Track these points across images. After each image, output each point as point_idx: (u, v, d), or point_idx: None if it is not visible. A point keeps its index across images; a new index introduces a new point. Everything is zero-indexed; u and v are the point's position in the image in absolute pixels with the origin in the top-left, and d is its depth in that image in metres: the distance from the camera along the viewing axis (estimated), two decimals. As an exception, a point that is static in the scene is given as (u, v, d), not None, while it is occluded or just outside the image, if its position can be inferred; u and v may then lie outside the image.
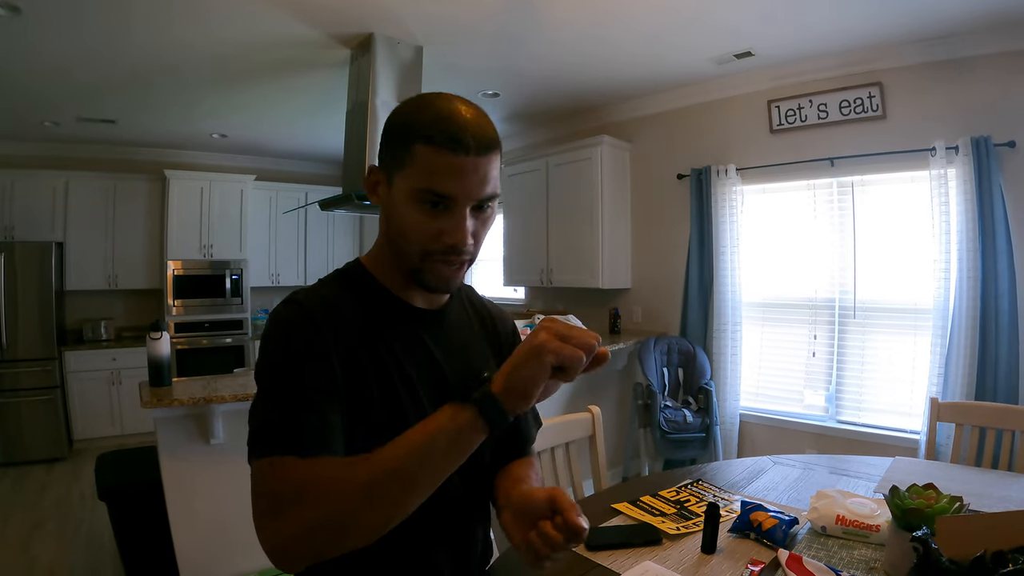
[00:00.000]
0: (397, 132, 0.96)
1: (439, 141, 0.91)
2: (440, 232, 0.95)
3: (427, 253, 0.98)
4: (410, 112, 0.96)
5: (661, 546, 1.54)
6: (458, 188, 0.93)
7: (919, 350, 3.66)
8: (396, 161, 0.95)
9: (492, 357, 1.22)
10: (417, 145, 0.92)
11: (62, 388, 5.55)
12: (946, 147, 3.40)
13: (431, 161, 0.92)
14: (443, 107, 0.94)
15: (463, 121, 0.93)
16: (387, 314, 1.05)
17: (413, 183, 0.93)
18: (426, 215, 0.95)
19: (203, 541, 2.86)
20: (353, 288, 1.05)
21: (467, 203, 0.95)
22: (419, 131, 0.92)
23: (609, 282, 4.96)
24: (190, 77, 4.28)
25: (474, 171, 0.93)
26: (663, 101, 4.87)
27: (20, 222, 5.64)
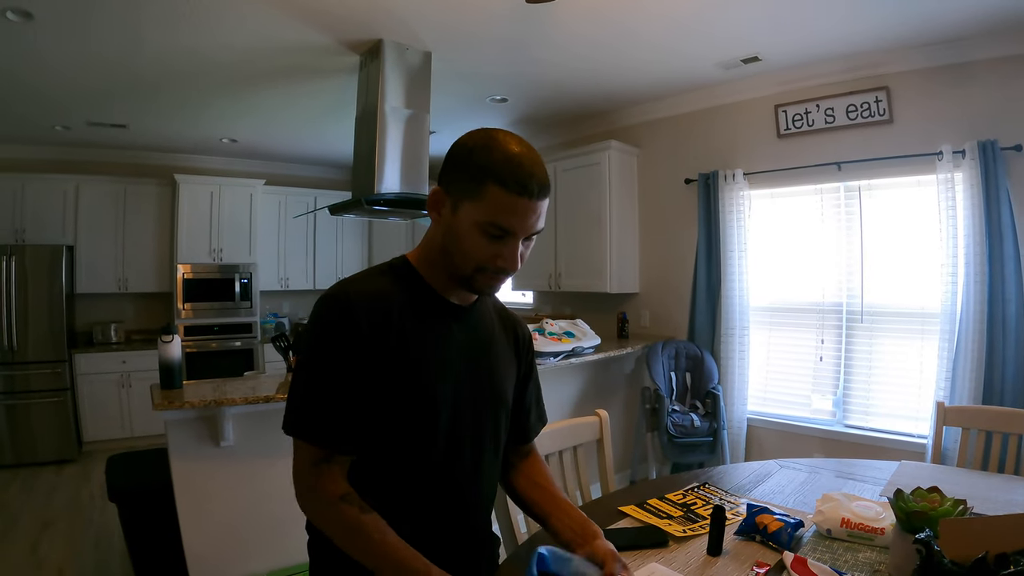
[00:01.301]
0: (471, 168, 1.09)
1: (511, 186, 1.06)
2: (496, 256, 1.12)
3: (481, 269, 1.14)
4: (482, 150, 1.09)
5: (667, 548, 1.55)
6: (519, 225, 1.10)
7: (926, 354, 3.66)
8: (467, 193, 1.09)
9: (512, 354, 1.41)
10: (490, 184, 1.07)
11: (72, 390, 5.59)
12: (953, 151, 3.40)
13: (501, 201, 1.07)
14: (513, 152, 1.09)
15: (530, 169, 1.08)
16: (426, 305, 1.21)
17: (481, 216, 1.09)
18: (487, 241, 1.11)
19: (213, 543, 2.88)
20: (399, 281, 1.21)
21: (521, 237, 1.12)
22: (493, 172, 1.07)
23: (617, 286, 4.97)
24: (200, 82, 4.31)
25: (533, 212, 1.10)
26: (670, 106, 4.88)
27: (31, 225, 5.69)
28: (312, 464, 1.10)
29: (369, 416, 1.13)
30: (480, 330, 1.31)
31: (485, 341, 1.32)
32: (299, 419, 1.11)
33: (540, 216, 1.13)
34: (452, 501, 1.24)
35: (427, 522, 1.20)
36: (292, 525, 1.27)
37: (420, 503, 1.19)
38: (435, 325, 1.21)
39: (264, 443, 2.93)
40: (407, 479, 1.18)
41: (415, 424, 1.16)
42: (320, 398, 1.10)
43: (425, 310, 1.21)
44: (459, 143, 1.14)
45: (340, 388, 1.10)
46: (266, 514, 2.96)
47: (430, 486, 1.20)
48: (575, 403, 4.32)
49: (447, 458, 1.21)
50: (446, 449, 1.21)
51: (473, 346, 1.28)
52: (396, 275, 1.22)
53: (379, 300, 1.14)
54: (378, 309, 1.13)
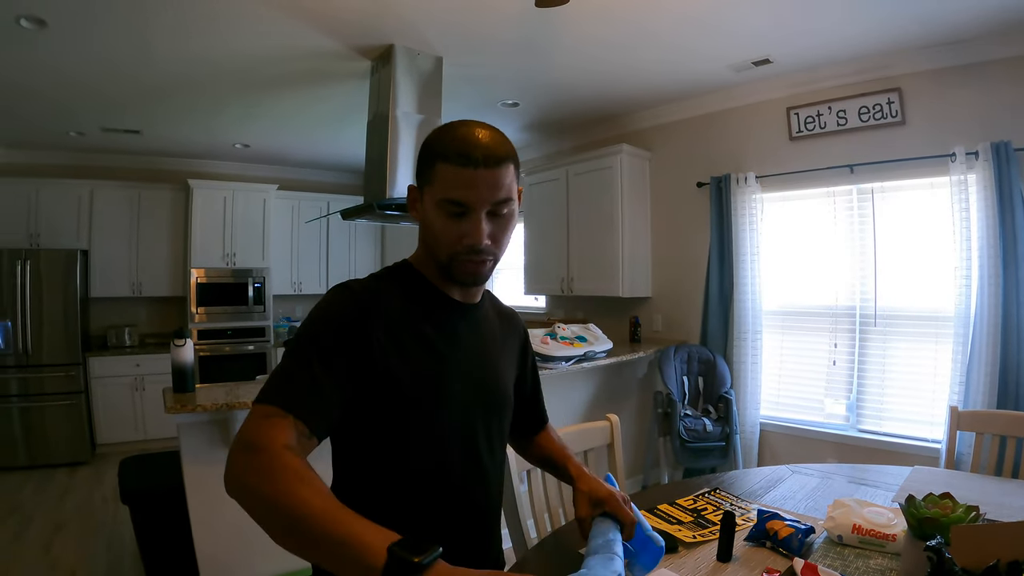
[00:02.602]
0: (424, 155, 1.14)
1: (454, 159, 1.08)
2: (461, 235, 1.12)
3: (454, 254, 1.14)
4: (435, 137, 1.14)
5: (677, 554, 1.55)
6: (471, 197, 1.09)
7: (940, 358, 3.62)
8: (425, 179, 1.14)
9: (514, 352, 1.44)
10: (438, 163, 1.10)
11: (86, 393, 5.64)
12: (966, 152, 3.37)
13: (448, 175, 1.09)
14: (460, 130, 1.12)
15: (475, 140, 1.10)
16: (429, 303, 1.22)
17: (437, 195, 1.11)
18: (449, 222, 1.12)
19: (224, 545, 2.89)
20: (402, 281, 1.22)
21: (481, 208, 1.11)
22: (439, 152, 1.10)
23: (629, 291, 4.95)
24: (212, 88, 4.35)
25: (484, 181, 1.09)
26: (682, 109, 4.87)
27: (46, 230, 5.75)
28: (264, 416, 0.97)
29: (354, 416, 1.10)
30: (485, 328, 1.33)
31: (490, 340, 1.33)
32: (268, 387, 1.02)
33: (497, 187, 1.11)
34: (459, 503, 1.22)
35: (434, 526, 1.18)
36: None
37: (427, 505, 1.18)
38: (442, 323, 1.21)
39: (275, 447, 2.94)
40: (414, 480, 1.16)
41: (424, 424, 1.15)
42: (299, 372, 1.03)
43: (431, 308, 1.21)
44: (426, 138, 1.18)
45: (325, 368, 1.03)
46: (277, 517, 2.96)
47: (437, 487, 1.19)
48: (587, 407, 4.31)
49: (456, 459, 1.20)
50: (455, 450, 1.20)
51: (479, 345, 1.29)
52: (399, 277, 1.23)
53: (382, 297, 1.15)
54: (380, 305, 1.13)
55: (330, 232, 7.28)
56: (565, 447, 1.54)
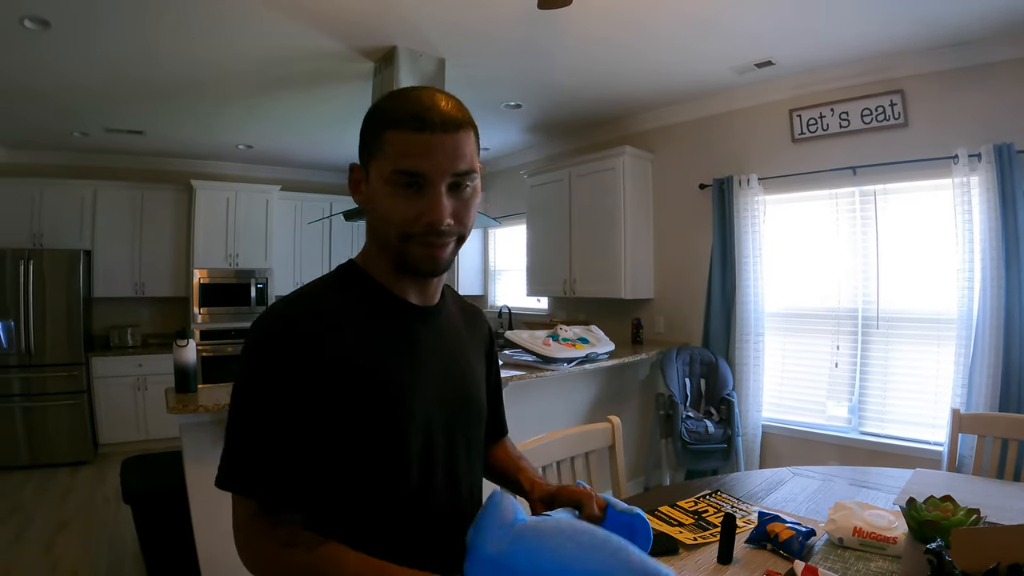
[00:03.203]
0: (370, 125, 1.01)
1: (405, 123, 0.94)
2: (418, 213, 0.97)
3: (407, 235, 0.99)
4: (380, 105, 1.01)
5: (678, 556, 1.55)
6: (428, 165, 0.95)
7: (943, 360, 3.62)
8: (370, 152, 1.00)
9: (481, 353, 1.30)
10: (387, 131, 0.96)
11: (88, 393, 5.65)
12: (969, 154, 3.37)
13: (399, 142, 0.95)
14: (409, 94, 0.99)
15: (429, 102, 0.96)
16: (381, 309, 1.06)
17: (387, 167, 0.96)
18: (403, 197, 0.97)
19: (226, 546, 2.87)
20: (347, 287, 1.07)
21: (441, 180, 0.97)
22: (386, 117, 0.97)
23: (632, 292, 4.96)
24: (216, 89, 4.36)
25: (442, 148, 0.95)
26: (684, 111, 4.88)
27: (49, 230, 5.77)
28: (251, 516, 0.95)
29: (319, 460, 0.96)
30: (449, 332, 1.17)
31: (456, 345, 1.19)
32: (232, 470, 0.94)
33: (458, 155, 0.97)
34: (431, 527, 1.09)
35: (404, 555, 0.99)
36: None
37: (396, 537, 1.03)
38: (395, 333, 1.06)
39: (277, 447, 2.94)
40: (380, 514, 1.02)
41: (382, 451, 1.00)
42: (256, 444, 0.93)
43: (381, 316, 1.06)
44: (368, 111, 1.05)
45: (280, 430, 0.93)
46: (279, 518, 2.96)
47: (406, 516, 1.04)
48: (589, 409, 4.31)
49: (422, 484, 1.06)
50: (420, 475, 1.05)
51: (442, 352, 1.13)
52: (343, 281, 1.08)
53: (323, 315, 0.99)
54: (322, 325, 0.97)
55: (332, 233, 7.29)
56: (521, 457, 1.38)
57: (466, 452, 1.16)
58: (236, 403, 0.96)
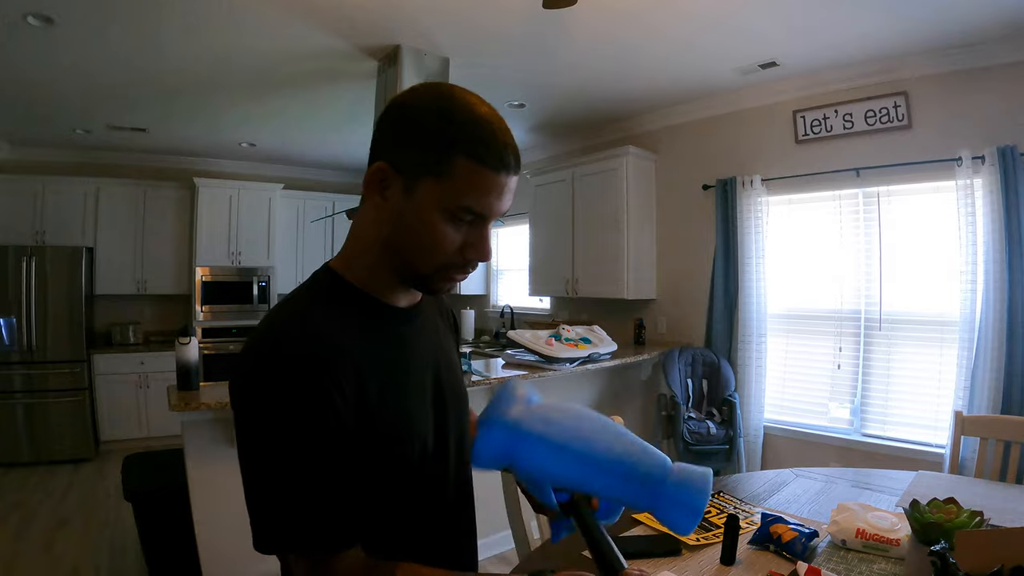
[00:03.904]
0: (430, 135, 0.87)
1: (488, 160, 0.86)
2: (464, 246, 0.91)
3: (446, 266, 0.93)
4: (442, 114, 0.87)
5: (680, 556, 1.55)
6: (495, 207, 0.90)
7: (945, 362, 3.61)
8: (427, 169, 0.87)
9: (452, 341, 1.25)
10: (459, 158, 0.85)
11: (90, 390, 5.66)
12: (972, 157, 3.36)
13: (476, 179, 0.86)
14: (483, 114, 0.88)
15: (504, 137, 0.88)
16: (370, 316, 0.98)
17: (450, 197, 0.87)
18: (453, 229, 0.89)
19: (227, 544, 2.89)
20: (332, 297, 0.97)
21: (492, 220, 0.93)
22: (463, 143, 0.85)
23: (634, 293, 4.96)
24: (219, 88, 4.36)
25: (508, 190, 0.91)
26: (688, 111, 4.87)
27: (51, 227, 5.78)
28: (311, 568, 0.87)
29: (360, 484, 0.91)
30: (429, 327, 1.12)
31: (437, 340, 1.13)
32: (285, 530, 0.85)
33: (512, 195, 0.93)
34: (450, 517, 1.10)
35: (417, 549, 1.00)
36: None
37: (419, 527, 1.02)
38: (390, 343, 1.00)
39: (279, 445, 2.94)
40: (392, 517, 0.99)
41: (394, 462, 0.96)
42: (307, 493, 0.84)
43: (373, 324, 0.98)
44: (404, 104, 0.92)
45: (317, 475, 0.84)
46: (280, 516, 2.96)
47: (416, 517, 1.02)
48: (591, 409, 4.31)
49: (431, 485, 1.04)
50: (428, 476, 1.03)
51: (428, 351, 1.08)
52: (328, 295, 0.98)
53: (323, 339, 0.89)
54: (326, 352, 0.87)
55: (335, 232, 7.29)
56: None
57: (459, 439, 1.11)
58: (260, 448, 0.85)
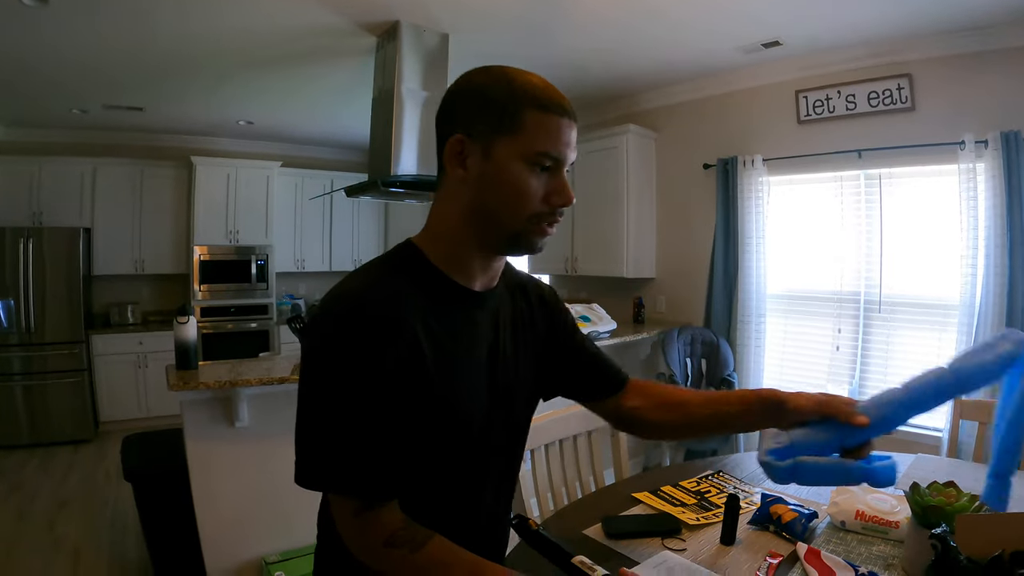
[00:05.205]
0: (497, 99, 0.95)
1: (551, 107, 0.95)
2: (548, 194, 0.98)
3: (536, 216, 0.99)
4: (504, 81, 0.97)
5: (680, 536, 1.55)
6: (566, 150, 0.98)
7: (944, 346, 3.61)
8: (500, 128, 0.95)
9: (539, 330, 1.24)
10: (528, 111, 0.94)
11: (89, 371, 5.66)
12: (975, 141, 3.34)
13: (544, 125, 0.95)
14: (535, 78, 0.99)
15: (558, 91, 0.99)
16: (447, 302, 1.03)
17: (526, 147, 0.95)
18: (536, 178, 0.97)
19: (227, 523, 2.91)
20: (412, 276, 1.01)
21: (566, 165, 1.00)
22: (528, 98, 0.95)
23: (634, 271, 4.95)
24: (216, 65, 4.31)
25: (572, 136, 0.99)
26: (690, 90, 4.83)
27: (48, 208, 5.74)
28: (353, 514, 0.94)
29: (405, 452, 0.98)
30: (503, 317, 1.14)
31: (509, 329, 1.15)
32: (327, 470, 0.93)
33: (575, 145, 1.01)
34: (486, 516, 1.16)
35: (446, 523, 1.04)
36: (306, 506, 1.24)
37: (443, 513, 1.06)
38: (459, 325, 1.04)
39: (279, 424, 2.95)
40: (432, 496, 1.05)
41: (445, 441, 1.03)
42: (348, 444, 0.92)
43: (448, 308, 1.03)
44: (466, 84, 1.01)
45: (370, 429, 0.92)
46: (280, 494, 2.97)
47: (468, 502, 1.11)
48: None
49: (474, 472, 1.10)
50: (473, 463, 1.10)
51: (498, 338, 1.11)
52: (408, 269, 1.02)
53: (396, 309, 0.95)
54: (396, 321, 0.94)
55: (334, 210, 7.26)
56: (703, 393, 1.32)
57: (511, 439, 1.18)
58: (323, 395, 0.93)
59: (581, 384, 1.33)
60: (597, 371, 1.34)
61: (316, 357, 0.94)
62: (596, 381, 1.34)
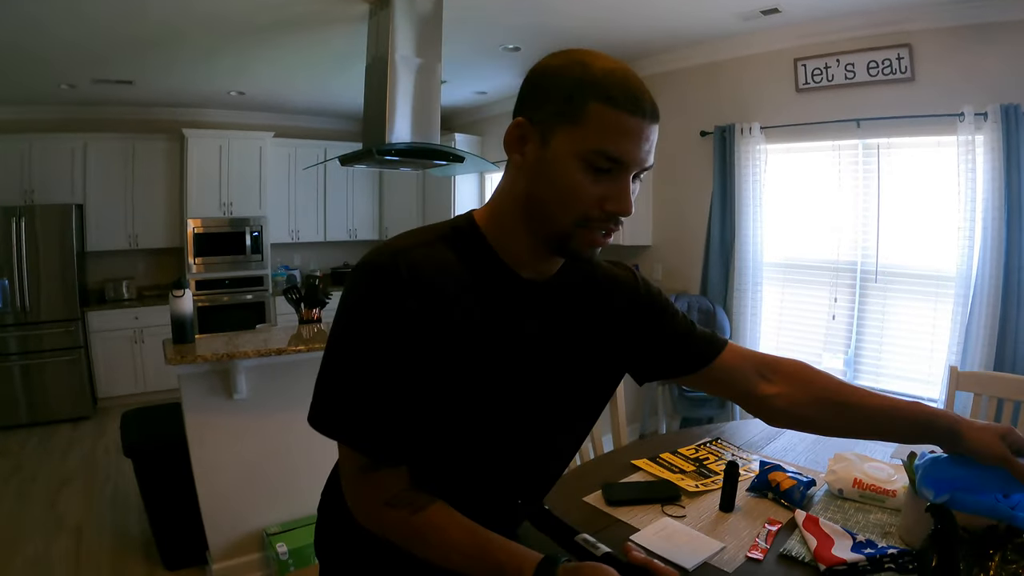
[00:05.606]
0: (564, 86, 0.87)
1: (621, 102, 0.85)
2: (603, 198, 0.89)
3: (585, 219, 0.90)
4: (575, 66, 0.89)
5: (679, 503, 1.56)
6: (631, 153, 0.88)
7: (939, 317, 3.62)
8: (561, 118, 0.87)
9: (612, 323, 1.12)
10: (592, 103, 0.85)
11: (86, 348, 5.64)
12: (975, 113, 3.30)
13: (609, 121, 0.85)
14: (615, 66, 0.89)
15: (638, 84, 0.88)
16: (493, 284, 0.96)
17: (584, 143, 0.86)
18: (590, 179, 0.88)
19: (227, 495, 2.92)
20: (462, 250, 0.95)
21: (633, 170, 0.90)
22: (595, 88, 0.86)
23: (630, 239, 4.95)
24: (206, 35, 4.23)
25: (647, 138, 0.89)
26: (687, 57, 4.77)
27: (40, 185, 5.68)
28: (359, 469, 0.92)
29: (419, 421, 0.93)
30: (558, 313, 1.04)
31: (563, 327, 1.05)
32: (339, 418, 0.91)
33: (653, 146, 0.91)
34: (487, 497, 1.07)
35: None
36: (306, 476, 1.24)
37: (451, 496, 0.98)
38: (502, 312, 0.96)
39: (277, 395, 2.96)
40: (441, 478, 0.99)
41: (461, 423, 0.97)
42: (363, 397, 0.89)
43: (491, 291, 0.96)
44: (540, 66, 0.93)
45: (387, 388, 0.89)
46: (280, 466, 3.00)
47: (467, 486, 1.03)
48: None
49: (492, 461, 1.04)
50: (499, 456, 1.04)
51: (546, 335, 1.02)
52: (459, 242, 0.96)
53: (437, 276, 0.90)
54: (434, 289, 0.89)
55: (328, 179, 7.20)
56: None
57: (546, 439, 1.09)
58: (348, 343, 0.90)
59: (668, 361, 1.22)
60: (683, 345, 1.23)
61: (347, 303, 0.90)
62: (683, 355, 1.22)
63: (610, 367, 1.15)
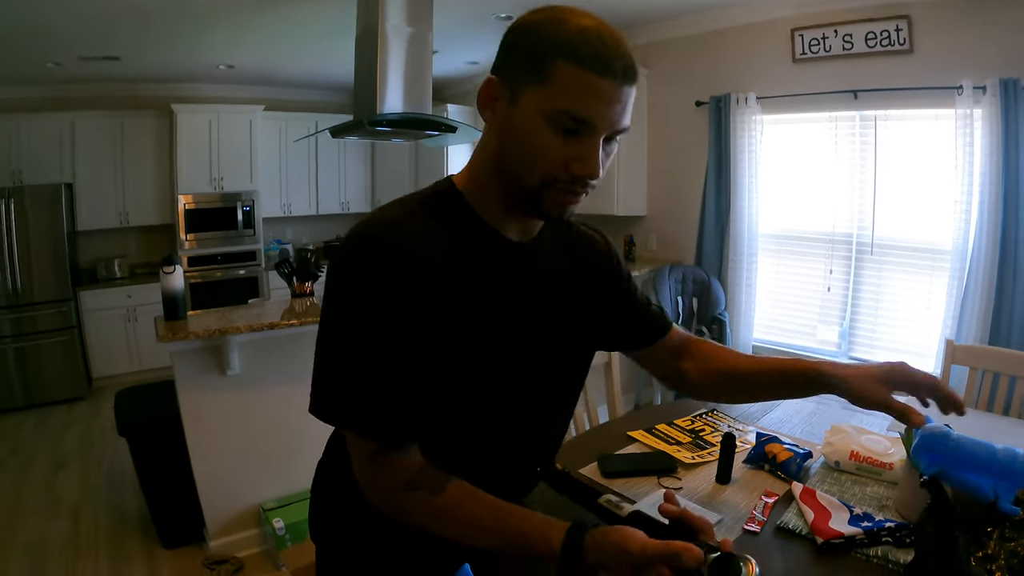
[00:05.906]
0: (534, 44, 0.85)
1: (589, 61, 0.82)
2: (569, 159, 0.87)
3: (551, 180, 0.88)
4: (548, 23, 0.86)
5: (676, 475, 1.56)
6: (600, 114, 0.84)
7: (935, 290, 3.63)
8: (529, 76, 0.85)
9: (589, 284, 1.15)
10: (560, 61, 0.82)
11: (79, 328, 5.61)
12: (973, 87, 3.27)
13: (575, 81, 0.82)
14: (589, 24, 0.85)
15: (613, 43, 0.84)
16: (477, 246, 0.96)
17: (549, 102, 0.84)
18: (557, 139, 0.86)
19: (222, 472, 2.92)
20: (445, 215, 0.95)
21: (603, 132, 0.86)
22: (564, 46, 0.82)
23: (624, 209, 4.93)
24: (193, 8, 4.16)
25: (618, 99, 0.85)
26: (683, 26, 4.70)
27: (28, 166, 5.59)
28: (370, 457, 0.91)
29: (422, 396, 0.92)
30: (543, 272, 1.05)
31: (549, 286, 1.06)
32: (343, 406, 0.89)
33: (626, 108, 0.87)
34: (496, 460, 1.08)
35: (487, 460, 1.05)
36: (301, 451, 1.23)
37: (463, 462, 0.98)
38: (487, 273, 0.96)
39: (271, 370, 2.95)
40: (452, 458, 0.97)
41: (465, 390, 0.97)
42: (364, 381, 0.87)
43: (475, 253, 0.95)
44: (518, 22, 0.91)
45: (387, 368, 0.87)
46: (275, 441, 3.00)
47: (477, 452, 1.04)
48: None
49: (498, 425, 1.05)
50: (499, 424, 1.05)
51: (533, 295, 1.03)
52: (441, 207, 0.96)
53: (423, 247, 0.88)
54: (422, 260, 0.87)
55: (319, 152, 7.13)
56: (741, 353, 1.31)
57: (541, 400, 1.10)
58: (343, 326, 0.88)
59: (626, 334, 1.27)
60: (641, 319, 1.28)
61: (338, 283, 0.88)
62: (640, 330, 1.28)
63: (587, 328, 1.16)
